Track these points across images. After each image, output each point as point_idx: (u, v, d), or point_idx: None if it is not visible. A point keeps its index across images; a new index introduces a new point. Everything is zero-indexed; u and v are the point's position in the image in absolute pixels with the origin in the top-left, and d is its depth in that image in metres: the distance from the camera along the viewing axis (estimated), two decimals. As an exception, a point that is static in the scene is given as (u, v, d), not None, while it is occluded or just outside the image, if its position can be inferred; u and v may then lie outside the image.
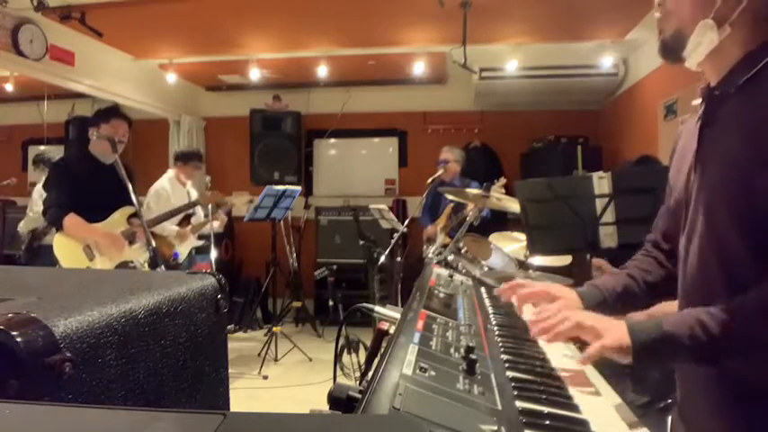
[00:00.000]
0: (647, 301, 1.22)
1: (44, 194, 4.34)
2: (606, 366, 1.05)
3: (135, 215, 3.12)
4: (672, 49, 0.97)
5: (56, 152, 5.87)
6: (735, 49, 0.91)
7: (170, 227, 4.02)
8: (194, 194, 4.30)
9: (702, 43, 0.92)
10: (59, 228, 3.02)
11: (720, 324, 0.86)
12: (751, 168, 0.85)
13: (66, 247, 3.02)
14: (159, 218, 3.65)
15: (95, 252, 3.05)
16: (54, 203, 3.04)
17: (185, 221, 4.16)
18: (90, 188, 3.04)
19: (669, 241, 1.19)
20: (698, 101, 1.02)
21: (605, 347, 0.92)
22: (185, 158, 4.40)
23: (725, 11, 0.89)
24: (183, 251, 4.10)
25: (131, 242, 3.17)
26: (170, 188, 4.21)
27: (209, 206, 3.99)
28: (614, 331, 0.93)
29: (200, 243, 4.17)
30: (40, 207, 4.36)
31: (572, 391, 0.90)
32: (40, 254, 4.35)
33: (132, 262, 3.19)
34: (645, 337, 0.91)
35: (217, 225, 4.31)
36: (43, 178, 4.47)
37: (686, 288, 1.03)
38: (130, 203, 3.00)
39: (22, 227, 4.60)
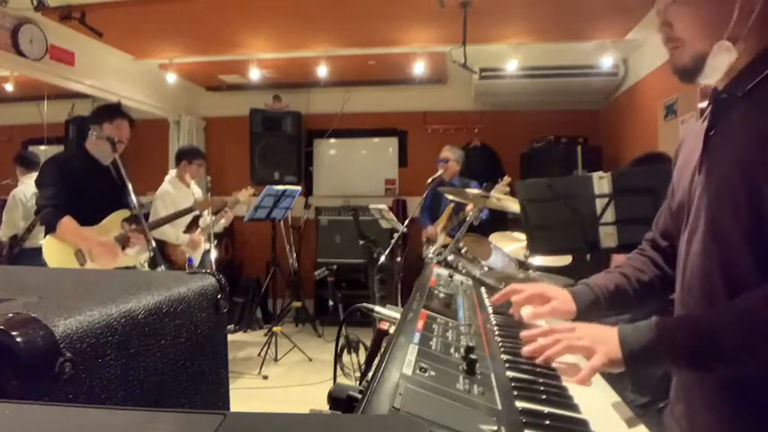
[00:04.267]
0: (640, 301, 1.23)
1: (25, 200, 4.33)
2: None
3: (130, 218, 2.98)
4: (692, 74, 0.96)
5: (53, 153, 5.87)
6: (742, 54, 0.91)
7: (183, 236, 4.02)
8: (198, 194, 4.28)
9: (721, 64, 0.91)
10: (52, 230, 2.82)
11: (704, 331, 0.87)
12: (757, 171, 0.85)
13: (56, 250, 2.86)
14: (156, 223, 3.60)
15: (87, 258, 2.90)
16: (49, 203, 2.82)
17: (194, 225, 4.15)
18: (86, 188, 2.90)
19: (667, 239, 1.19)
20: (704, 103, 1.03)
21: (597, 367, 0.92)
22: (190, 156, 4.33)
23: (738, 28, 0.89)
24: (196, 256, 4.10)
25: (124, 247, 3.00)
26: (173, 190, 4.19)
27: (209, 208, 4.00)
28: (606, 345, 0.94)
29: (211, 245, 4.12)
30: (14, 215, 4.35)
31: (571, 390, 0.90)
32: (21, 258, 4.29)
33: (135, 267, 3.10)
34: (634, 345, 0.92)
35: (224, 222, 4.32)
36: (25, 182, 4.41)
37: (684, 291, 1.03)
38: (126, 206, 2.92)
39: (0, 235, 4.46)
